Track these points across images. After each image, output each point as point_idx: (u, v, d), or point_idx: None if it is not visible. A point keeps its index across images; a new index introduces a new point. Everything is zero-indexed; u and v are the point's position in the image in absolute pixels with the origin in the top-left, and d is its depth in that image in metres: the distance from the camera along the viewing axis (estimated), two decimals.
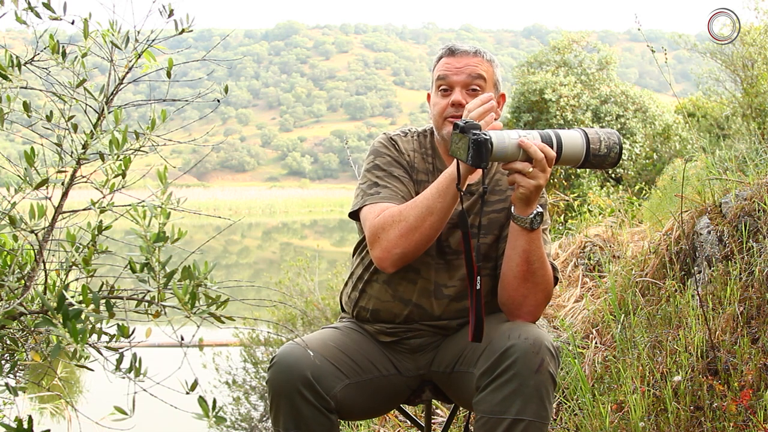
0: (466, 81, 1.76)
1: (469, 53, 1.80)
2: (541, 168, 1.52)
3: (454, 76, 1.77)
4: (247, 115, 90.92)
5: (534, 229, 1.60)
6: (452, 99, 1.76)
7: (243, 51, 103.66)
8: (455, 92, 1.76)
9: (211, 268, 1.14)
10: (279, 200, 40.06)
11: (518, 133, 1.53)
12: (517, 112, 10.25)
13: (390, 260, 1.64)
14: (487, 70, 1.79)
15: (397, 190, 1.73)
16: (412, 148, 1.83)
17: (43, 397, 4.35)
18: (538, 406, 1.50)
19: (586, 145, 1.56)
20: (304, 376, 1.57)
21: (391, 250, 1.63)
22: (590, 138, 1.56)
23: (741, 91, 7.44)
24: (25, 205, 1.21)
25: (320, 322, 6.12)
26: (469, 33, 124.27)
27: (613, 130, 1.61)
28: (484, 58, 1.81)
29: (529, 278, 1.62)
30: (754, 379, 2.00)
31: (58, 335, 1.03)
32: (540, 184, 1.54)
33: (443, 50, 1.84)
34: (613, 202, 5.98)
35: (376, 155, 1.80)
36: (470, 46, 1.82)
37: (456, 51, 1.81)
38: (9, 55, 1.21)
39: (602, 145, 1.57)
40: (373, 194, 1.72)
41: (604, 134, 1.58)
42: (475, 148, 1.45)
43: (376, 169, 1.77)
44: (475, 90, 1.76)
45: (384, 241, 1.63)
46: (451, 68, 1.78)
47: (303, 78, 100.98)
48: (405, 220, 1.61)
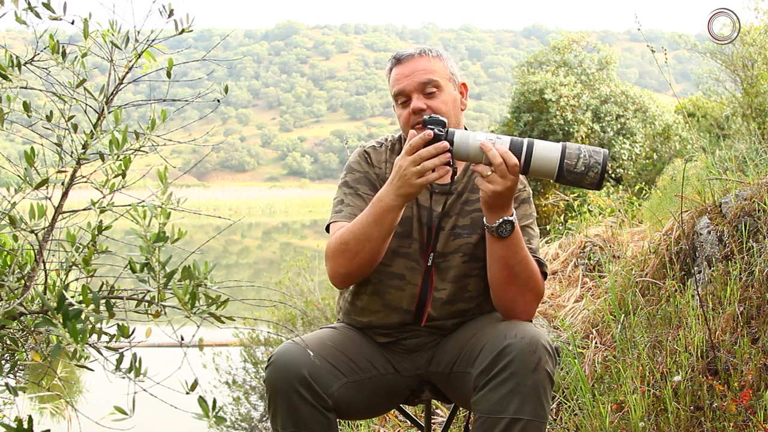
0: (419, 86, 1.76)
1: (413, 56, 1.79)
2: (501, 174, 1.50)
3: (407, 84, 1.76)
4: (247, 115, 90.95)
5: (503, 237, 1.58)
6: (412, 107, 1.76)
7: (243, 51, 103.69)
8: (413, 100, 1.76)
9: (211, 268, 1.14)
10: (279, 200, 40.07)
11: (486, 136, 1.52)
12: (517, 112, 10.25)
13: (338, 279, 1.73)
14: (437, 68, 1.79)
15: (357, 209, 1.76)
16: (384, 159, 1.86)
17: (43, 397, 4.35)
18: (536, 405, 1.50)
19: (561, 159, 1.47)
20: (301, 375, 1.57)
21: (336, 270, 1.70)
22: (567, 152, 1.47)
23: (741, 91, 7.44)
24: (25, 205, 1.21)
25: (320, 322, 6.12)
26: (469, 33, 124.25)
27: (603, 150, 1.49)
28: (429, 56, 1.80)
29: (514, 281, 1.63)
30: (754, 379, 2.00)
31: (58, 335, 1.03)
32: (497, 191, 1.51)
33: (390, 62, 1.84)
34: (613, 202, 5.98)
35: (348, 171, 1.85)
36: (414, 49, 1.82)
37: (401, 58, 1.81)
38: (9, 55, 1.21)
39: (580, 162, 1.46)
40: (338, 212, 1.78)
41: (587, 151, 1.47)
42: (434, 143, 1.52)
43: (344, 186, 1.83)
44: (432, 93, 1.76)
45: (331, 262, 1.71)
46: (401, 77, 1.78)
47: (303, 78, 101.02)
48: (346, 244, 1.66)
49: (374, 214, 1.61)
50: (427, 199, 1.78)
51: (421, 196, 1.78)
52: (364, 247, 1.64)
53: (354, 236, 1.64)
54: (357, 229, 1.64)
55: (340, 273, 1.70)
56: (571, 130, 9.87)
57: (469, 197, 1.80)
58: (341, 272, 1.70)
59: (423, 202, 1.78)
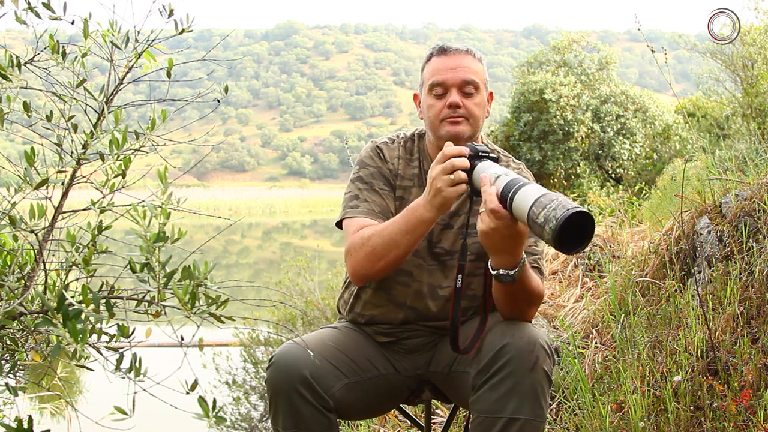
0: (461, 83, 1.75)
1: (461, 51, 1.79)
2: (487, 214, 1.43)
3: (449, 77, 1.75)
4: (247, 115, 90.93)
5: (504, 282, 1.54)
6: (449, 101, 1.75)
7: (243, 51, 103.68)
8: (451, 93, 1.75)
9: (211, 268, 1.14)
10: (279, 200, 40.06)
11: (502, 171, 1.46)
12: (517, 112, 10.25)
13: (356, 277, 1.73)
14: (478, 71, 1.79)
15: (374, 204, 1.76)
16: (396, 155, 1.85)
17: (43, 397, 4.35)
18: (534, 405, 1.50)
19: (531, 206, 1.34)
20: (302, 376, 1.57)
21: (357, 269, 1.70)
22: (539, 201, 1.33)
23: (741, 91, 7.44)
24: (25, 205, 1.21)
25: (320, 322, 6.12)
26: (469, 33, 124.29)
27: (575, 209, 1.28)
28: (475, 57, 1.80)
29: (516, 304, 1.61)
30: (754, 379, 2.00)
31: (58, 335, 1.03)
32: (482, 229, 1.44)
33: (434, 49, 1.82)
34: (613, 202, 5.98)
35: (362, 166, 1.84)
36: (461, 44, 1.81)
37: (448, 50, 1.79)
38: (9, 55, 1.21)
39: (541, 213, 1.30)
40: (353, 207, 1.77)
41: (556, 204, 1.29)
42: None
43: (359, 181, 1.81)
44: (470, 93, 1.76)
45: (352, 260, 1.70)
46: (444, 69, 1.77)
47: (303, 78, 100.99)
48: (372, 247, 1.65)
49: (407, 224, 1.61)
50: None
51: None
52: (391, 252, 1.64)
53: (383, 241, 1.64)
54: (386, 234, 1.64)
55: (362, 273, 1.70)
56: (571, 130, 9.87)
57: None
58: (362, 272, 1.70)
59: None
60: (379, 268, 1.68)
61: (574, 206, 1.29)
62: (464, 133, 1.75)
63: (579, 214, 1.27)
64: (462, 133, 1.75)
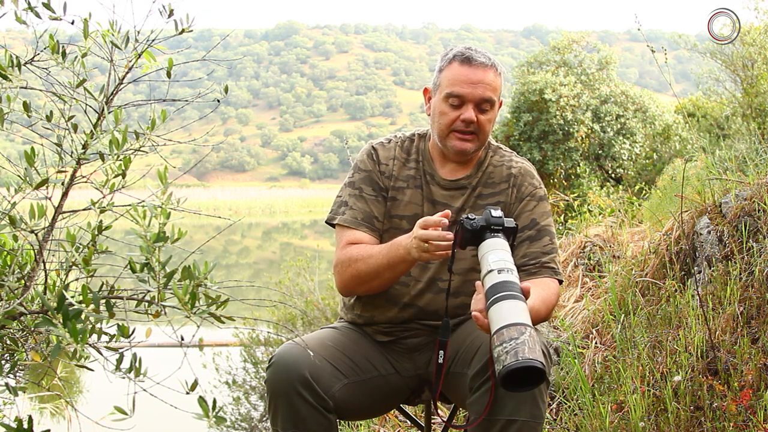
0: (479, 100, 1.74)
1: (485, 65, 1.75)
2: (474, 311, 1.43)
3: (468, 92, 1.73)
4: (247, 115, 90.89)
5: None
6: (464, 116, 1.74)
7: (243, 51, 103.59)
8: (468, 109, 1.74)
9: (211, 268, 1.14)
10: (279, 200, 40.02)
11: (499, 259, 1.42)
12: (517, 112, 10.24)
13: (343, 292, 1.82)
14: (497, 87, 1.78)
15: (359, 212, 1.80)
16: (392, 156, 1.86)
17: (43, 397, 4.35)
18: (532, 406, 1.49)
19: (494, 332, 1.30)
20: (302, 376, 1.57)
21: (343, 286, 1.78)
22: (501, 330, 1.28)
23: (741, 91, 7.44)
24: (25, 205, 1.21)
25: (320, 322, 6.12)
26: (469, 33, 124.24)
27: (527, 363, 1.23)
28: (497, 71, 1.78)
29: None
30: (754, 379, 2.00)
31: (58, 335, 1.03)
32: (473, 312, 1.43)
33: (458, 55, 1.77)
34: (613, 202, 5.98)
35: (355, 170, 1.87)
36: (485, 56, 1.77)
37: (473, 61, 1.75)
38: (9, 55, 1.21)
39: (498, 347, 1.26)
40: (341, 213, 1.81)
41: (510, 348, 1.24)
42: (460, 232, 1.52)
43: (350, 186, 1.85)
44: (485, 111, 1.76)
45: (339, 277, 1.77)
46: (465, 82, 1.74)
47: (303, 78, 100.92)
48: (357, 271, 1.71)
49: (389, 260, 1.65)
50: (443, 196, 1.81)
51: (435, 192, 1.81)
52: (374, 281, 1.71)
53: (367, 269, 1.69)
54: (371, 263, 1.68)
55: (348, 290, 1.79)
56: (571, 130, 9.87)
57: (482, 191, 1.82)
58: (348, 290, 1.79)
59: (439, 198, 1.81)
60: (363, 291, 1.77)
61: (525, 359, 1.23)
62: (471, 149, 1.79)
63: (525, 370, 1.22)
64: (468, 150, 1.78)
